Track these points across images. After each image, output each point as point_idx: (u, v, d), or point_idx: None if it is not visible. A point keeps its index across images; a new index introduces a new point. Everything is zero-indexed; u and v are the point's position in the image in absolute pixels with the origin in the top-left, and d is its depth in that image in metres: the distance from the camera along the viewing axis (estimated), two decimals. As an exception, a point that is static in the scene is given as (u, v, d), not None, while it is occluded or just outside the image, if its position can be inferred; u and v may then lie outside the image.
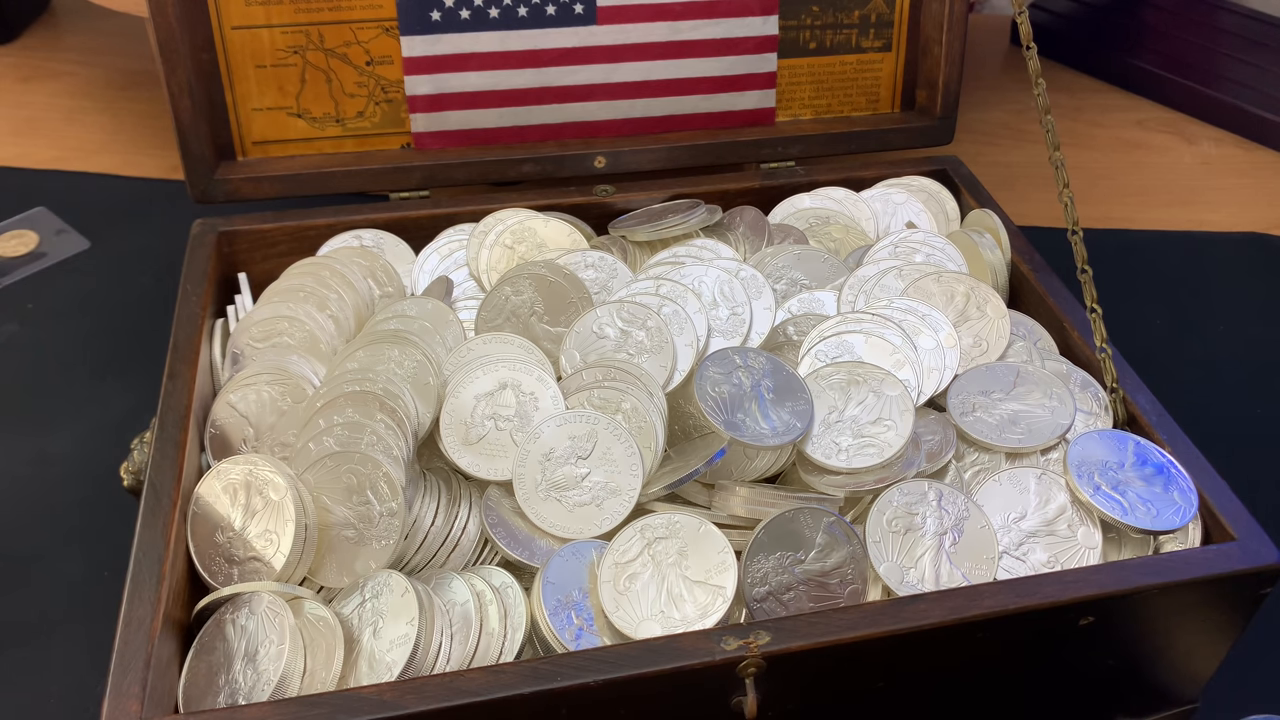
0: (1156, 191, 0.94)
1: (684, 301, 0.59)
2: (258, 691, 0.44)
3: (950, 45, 0.75)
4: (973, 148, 0.96)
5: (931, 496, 0.51)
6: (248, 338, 0.59)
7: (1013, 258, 0.66)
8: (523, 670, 0.42)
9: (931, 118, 0.77)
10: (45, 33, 1.10)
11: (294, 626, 0.45)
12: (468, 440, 0.54)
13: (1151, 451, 0.53)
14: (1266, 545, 0.48)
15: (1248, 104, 0.99)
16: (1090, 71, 1.08)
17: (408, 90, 0.71)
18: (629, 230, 0.67)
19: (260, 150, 0.71)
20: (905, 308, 0.60)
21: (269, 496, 0.48)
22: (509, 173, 0.73)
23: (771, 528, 0.49)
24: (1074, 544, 0.51)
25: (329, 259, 0.64)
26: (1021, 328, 0.62)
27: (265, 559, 0.47)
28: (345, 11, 0.69)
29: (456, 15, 0.70)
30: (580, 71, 0.72)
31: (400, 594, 0.46)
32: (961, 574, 0.49)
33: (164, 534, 0.47)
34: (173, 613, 0.46)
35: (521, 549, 0.50)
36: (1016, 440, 0.55)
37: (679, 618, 0.47)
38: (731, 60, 0.74)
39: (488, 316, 0.61)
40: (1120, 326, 0.64)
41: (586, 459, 0.52)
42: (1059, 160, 0.59)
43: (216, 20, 0.68)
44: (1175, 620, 0.49)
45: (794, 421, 0.53)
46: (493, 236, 0.67)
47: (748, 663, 0.43)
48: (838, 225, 0.70)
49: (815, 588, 0.48)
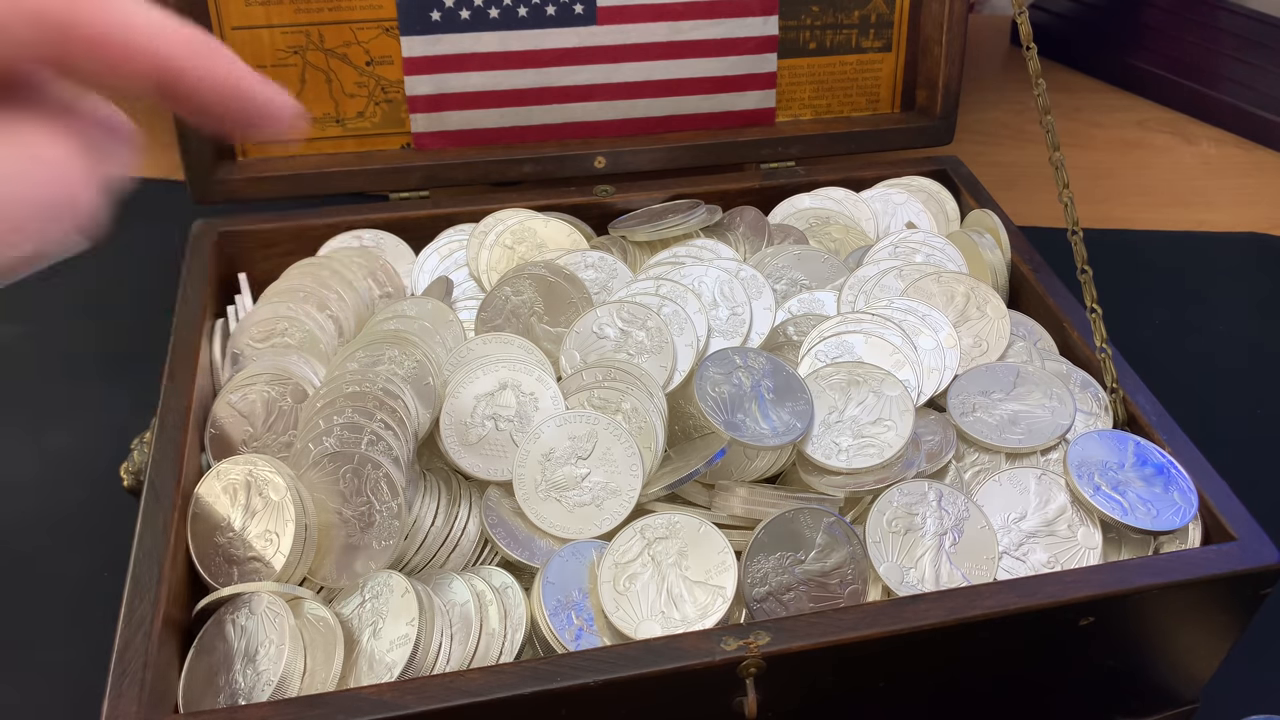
0: (1156, 191, 0.93)
1: (684, 301, 0.59)
2: (258, 692, 0.44)
3: (950, 45, 0.75)
4: (973, 148, 0.95)
5: (931, 497, 0.51)
6: (248, 338, 0.59)
7: (1013, 258, 0.66)
8: (523, 670, 0.42)
9: (931, 118, 0.77)
10: (45, 33, 1.10)
11: (294, 627, 0.45)
12: (467, 440, 0.54)
13: (1151, 452, 0.53)
14: (1266, 545, 0.48)
15: (1248, 104, 0.99)
16: (1090, 71, 1.08)
17: (408, 90, 0.71)
18: (629, 230, 0.67)
19: (260, 150, 0.71)
20: (905, 308, 0.60)
21: (269, 496, 0.48)
22: (509, 173, 0.73)
23: (771, 528, 0.49)
24: (1074, 544, 0.51)
25: (329, 259, 0.64)
26: (1021, 328, 0.62)
27: (265, 559, 0.47)
28: (345, 11, 0.69)
29: (456, 15, 0.70)
30: (580, 72, 0.72)
31: (400, 594, 0.46)
32: (961, 574, 0.49)
33: (164, 534, 0.47)
34: (173, 613, 0.46)
35: (521, 549, 0.50)
36: (1016, 440, 0.55)
37: (679, 618, 0.47)
38: (731, 60, 0.74)
39: (488, 317, 0.61)
40: (1120, 326, 0.64)
41: (586, 459, 0.52)
42: (1059, 160, 0.59)
43: (216, 20, 0.68)
44: (1175, 620, 0.49)
45: (794, 422, 0.53)
46: (493, 237, 0.67)
47: (748, 663, 0.43)
48: (838, 225, 0.70)
49: (815, 588, 0.48)
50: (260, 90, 0.28)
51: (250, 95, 0.28)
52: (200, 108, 0.27)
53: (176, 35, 0.26)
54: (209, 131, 0.28)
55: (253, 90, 0.28)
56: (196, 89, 0.27)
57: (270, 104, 0.28)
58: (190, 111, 0.27)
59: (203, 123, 0.28)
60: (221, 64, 0.27)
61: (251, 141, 0.35)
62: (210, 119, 0.28)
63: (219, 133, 0.28)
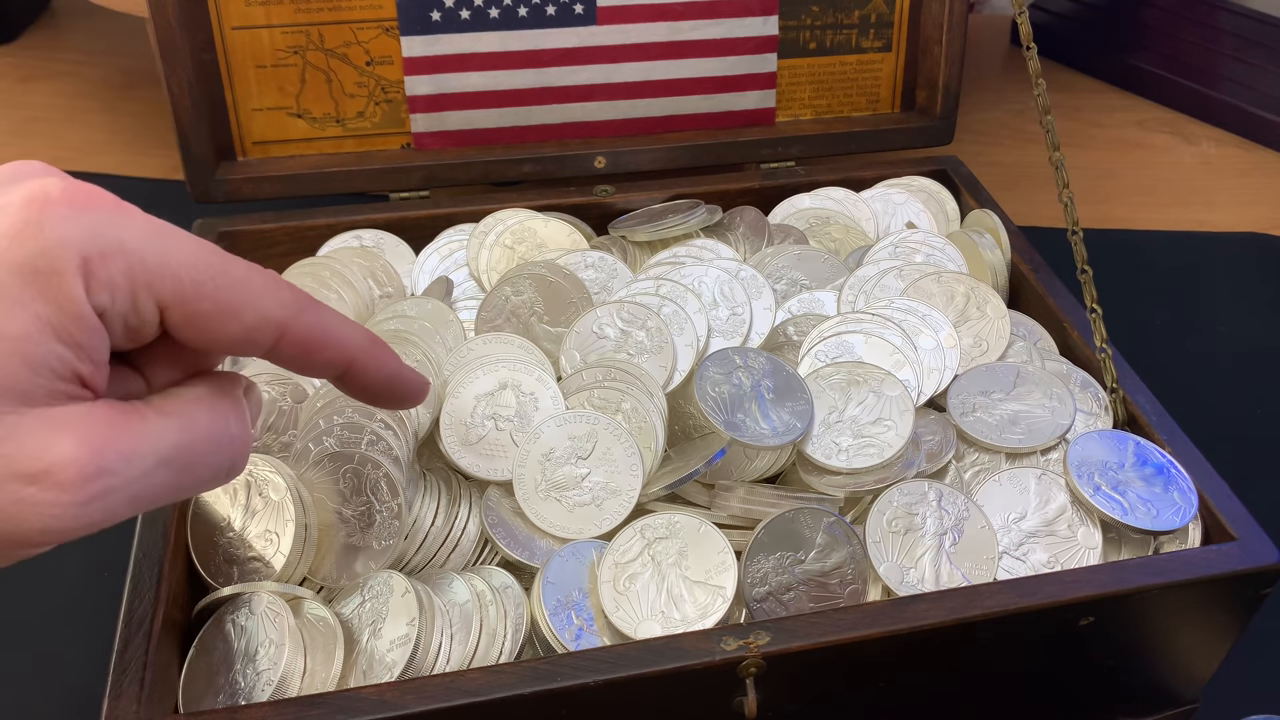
0: (1156, 191, 0.93)
1: (684, 301, 0.59)
2: (258, 691, 0.44)
3: (950, 45, 0.75)
4: (973, 148, 0.95)
5: (931, 497, 0.51)
6: (248, 338, 0.59)
7: (1013, 258, 0.66)
8: (523, 670, 0.42)
9: (931, 118, 0.77)
10: (45, 33, 1.10)
11: (294, 626, 0.45)
12: (468, 440, 0.54)
13: (1151, 452, 0.53)
14: (1266, 545, 0.48)
15: (1248, 104, 0.99)
16: (1090, 71, 1.08)
17: (408, 90, 0.71)
18: (629, 230, 0.67)
19: (260, 150, 0.71)
20: (905, 308, 0.60)
21: (269, 496, 0.48)
22: (509, 173, 0.73)
23: (771, 528, 0.49)
24: (1074, 544, 0.51)
25: (329, 259, 0.64)
26: (1021, 328, 0.62)
27: (265, 559, 0.47)
28: (345, 11, 0.69)
29: (456, 15, 0.70)
30: (580, 72, 0.72)
31: (400, 594, 0.46)
32: (961, 574, 0.49)
33: (164, 534, 0.47)
34: (173, 613, 0.46)
35: (521, 549, 0.50)
36: (1016, 440, 0.55)
37: (679, 618, 0.47)
38: (731, 60, 0.74)
39: (488, 316, 0.61)
40: (1120, 326, 0.64)
41: (586, 459, 0.52)
42: (1059, 160, 0.59)
43: (216, 20, 0.68)
44: (1175, 620, 0.49)
45: (794, 421, 0.53)
46: (493, 237, 0.67)
47: (748, 663, 0.43)
48: (838, 225, 0.70)
49: (815, 588, 0.48)
50: (409, 376, 0.38)
51: (403, 380, 0.38)
52: (363, 394, 0.37)
53: (359, 336, 0.35)
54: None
55: (404, 376, 0.38)
56: (366, 378, 0.36)
57: (417, 390, 0.39)
58: (357, 391, 0.37)
59: (367, 400, 0.38)
60: (388, 358, 0.37)
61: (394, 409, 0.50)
62: (367, 399, 0.38)
63: (378, 406, 0.39)
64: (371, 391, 0.37)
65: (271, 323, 0.32)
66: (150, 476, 0.30)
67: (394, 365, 0.37)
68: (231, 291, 0.31)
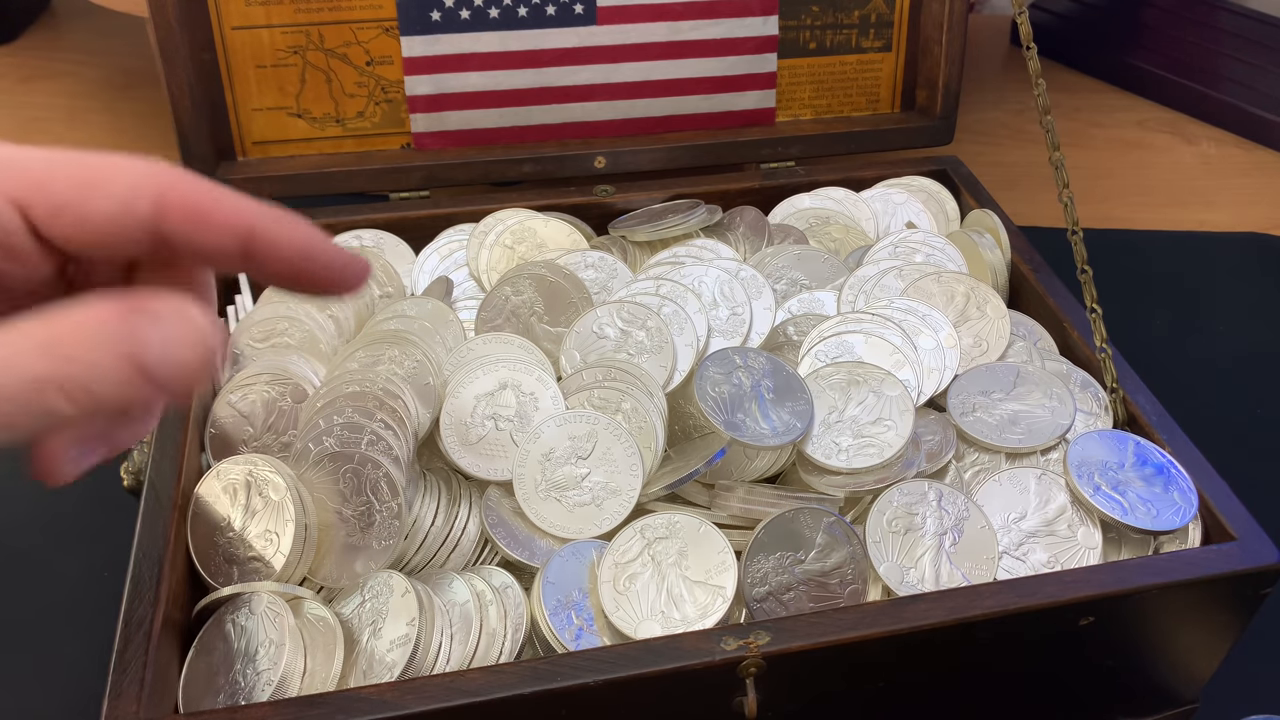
0: (1156, 191, 0.93)
1: (684, 301, 0.59)
2: (258, 691, 0.44)
3: (950, 45, 0.75)
4: (973, 148, 0.95)
5: (931, 496, 0.51)
6: (248, 338, 0.59)
7: (1013, 258, 0.66)
8: (523, 670, 0.42)
9: (931, 118, 0.77)
10: (45, 33, 1.10)
11: (294, 626, 0.45)
12: (468, 440, 0.54)
13: (1151, 451, 0.53)
14: (1266, 545, 0.48)
15: (1248, 104, 0.99)
16: (1090, 71, 1.08)
17: (408, 90, 0.71)
18: (629, 230, 0.67)
19: (260, 150, 0.71)
20: (905, 308, 0.60)
21: (269, 496, 0.48)
22: (509, 173, 0.73)
23: (771, 528, 0.49)
24: (1074, 544, 0.51)
25: (329, 259, 0.64)
26: (1021, 328, 0.62)
27: (265, 559, 0.47)
28: (345, 11, 0.69)
29: (456, 15, 0.70)
30: (580, 71, 0.72)
31: (400, 594, 0.46)
32: (961, 574, 0.49)
33: (164, 534, 0.47)
34: (173, 613, 0.46)
35: (521, 549, 0.50)
36: (1016, 440, 0.55)
37: (679, 618, 0.47)
38: (731, 60, 0.74)
39: (488, 316, 0.61)
40: (1120, 326, 0.64)
41: (586, 459, 0.52)
42: (1059, 160, 0.59)
43: (216, 20, 0.68)
44: (1175, 620, 0.49)
45: (794, 421, 0.53)
46: (493, 236, 0.67)
47: (748, 663, 0.43)
48: (838, 225, 0.70)
49: (815, 588, 0.48)
50: (334, 254, 0.32)
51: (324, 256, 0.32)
52: (280, 267, 0.31)
53: (257, 205, 0.31)
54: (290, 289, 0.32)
55: (326, 252, 0.32)
56: (276, 249, 0.31)
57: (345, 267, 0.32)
58: (271, 273, 0.31)
59: (283, 284, 0.32)
60: (299, 229, 0.31)
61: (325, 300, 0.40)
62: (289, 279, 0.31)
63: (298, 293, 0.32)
64: (292, 270, 0.31)
65: (146, 189, 0.29)
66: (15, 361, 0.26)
67: (307, 235, 0.31)
68: (90, 169, 0.29)
